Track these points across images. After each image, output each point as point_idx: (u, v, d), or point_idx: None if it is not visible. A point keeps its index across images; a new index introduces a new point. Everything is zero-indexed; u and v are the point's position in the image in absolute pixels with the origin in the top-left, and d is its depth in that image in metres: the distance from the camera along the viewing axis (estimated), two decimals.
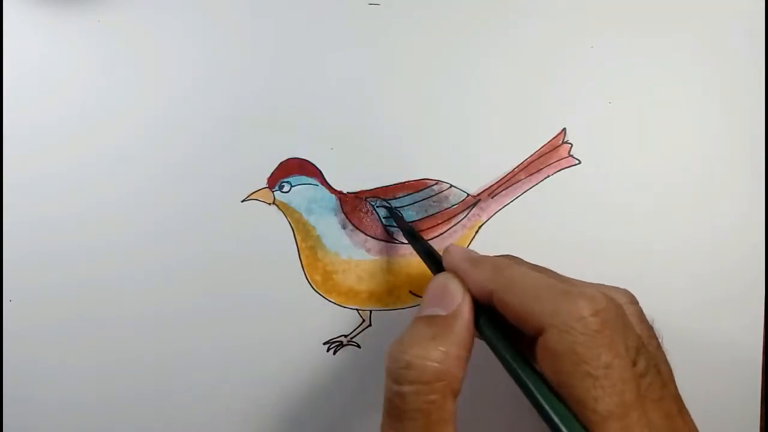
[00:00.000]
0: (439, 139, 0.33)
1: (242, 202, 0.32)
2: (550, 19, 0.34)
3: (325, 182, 0.33)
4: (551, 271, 0.25)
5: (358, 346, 0.33)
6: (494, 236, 0.33)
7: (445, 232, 0.33)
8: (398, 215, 0.32)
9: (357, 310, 0.33)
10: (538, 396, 0.20)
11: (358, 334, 0.33)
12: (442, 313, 0.23)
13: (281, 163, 0.32)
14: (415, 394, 0.20)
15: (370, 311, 0.33)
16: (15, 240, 0.31)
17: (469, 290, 0.23)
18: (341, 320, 0.32)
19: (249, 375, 0.32)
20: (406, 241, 0.33)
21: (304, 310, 0.32)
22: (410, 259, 0.33)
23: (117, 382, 0.32)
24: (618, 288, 0.24)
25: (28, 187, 0.31)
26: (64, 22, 0.32)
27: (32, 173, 0.32)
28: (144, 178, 0.32)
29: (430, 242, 0.33)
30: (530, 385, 0.20)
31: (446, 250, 0.26)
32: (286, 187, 0.32)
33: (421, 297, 0.33)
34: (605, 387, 0.19)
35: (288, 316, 0.32)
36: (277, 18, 0.33)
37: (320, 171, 0.32)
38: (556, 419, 0.19)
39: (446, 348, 0.21)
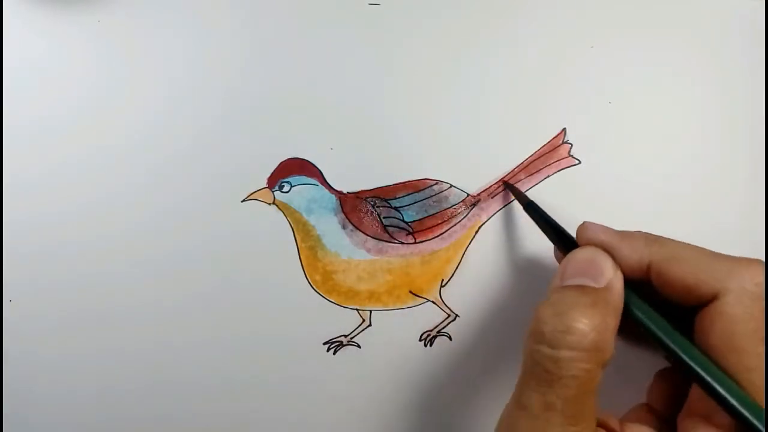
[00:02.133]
0: (439, 139, 0.33)
1: (242, 202, 0.32)
2: (550, 20, 0.34)
3: (325, 182, 0.32)
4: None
5: (358, 346, 0.33)
6: (494, 236, 0.33)
7: (445, 232, 0.33)
8: (516, 189, 0.32)
9: (357, 310, 0.33)
10: (704, 375, 0.20)
11: (358, 334, 0.33)
12: (593, 285, 0.22)
13: (281, 163, 0.32)
14: (572, 361, 0.20)
15: (370, 311, 0.33)
16: (15, 239, 0.31)
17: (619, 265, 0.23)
18: (341, 320, 0.32)
19: (249, 375, 0.32)
20: (406, 242, 0.32)
21: (304, 310, 0.32)
22: (410, 259, 0.33)
23: (117, 381, 0.32)
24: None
25: (28, 186, 0.31)
26: (63, 22, 0.32)
27: (32, 172, 0.32)
28: (143, 177, 0.32)
29: (428, 242, 0.33)
30: (696, 366, 0.20)
31: (584, 226, 0.26)
32: (286, 187, 0.32)
33: (421, 297, 0.33)
34: None
35: (288, 316, 0.32)
36: (277, 18, 0.33)
37: (320, 171, 0.32)
38: (728, 396, 0.20)
39: (604, 318, 0.20)
